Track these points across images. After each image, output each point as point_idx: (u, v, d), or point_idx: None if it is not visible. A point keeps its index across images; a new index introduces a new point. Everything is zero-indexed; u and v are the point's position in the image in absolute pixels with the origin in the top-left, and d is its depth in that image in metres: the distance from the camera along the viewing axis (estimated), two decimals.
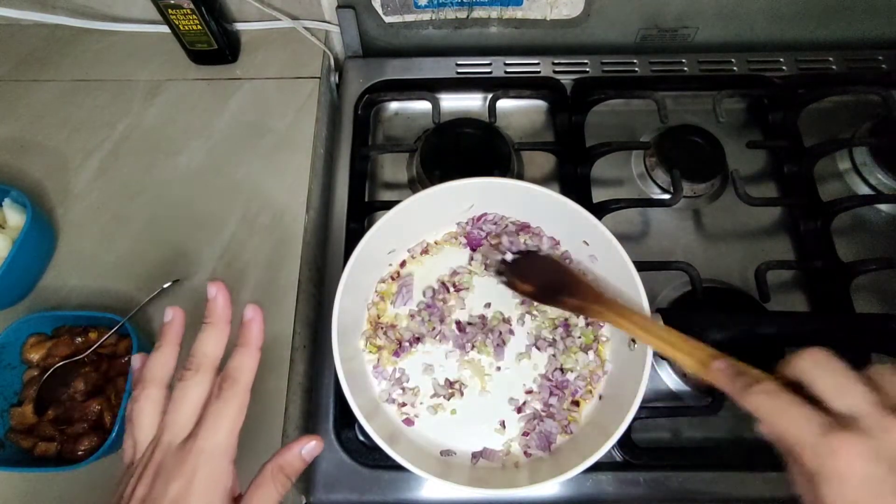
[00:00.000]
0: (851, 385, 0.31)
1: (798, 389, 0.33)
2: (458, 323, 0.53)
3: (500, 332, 0.53)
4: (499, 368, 0.52)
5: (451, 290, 0.55)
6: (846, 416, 0.30)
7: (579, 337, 0.52)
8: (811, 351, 0.33)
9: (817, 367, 0.33)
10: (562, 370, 0.51)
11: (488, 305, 0.54)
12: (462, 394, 0.51)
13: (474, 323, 0.53)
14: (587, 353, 0.52)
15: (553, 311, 0.54)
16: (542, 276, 0.50)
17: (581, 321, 0.53)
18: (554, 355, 0.52)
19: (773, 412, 0.33)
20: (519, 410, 0.51)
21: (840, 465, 0.29)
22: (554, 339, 0.52)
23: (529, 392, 0.51)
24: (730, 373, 0.37)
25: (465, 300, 0.54)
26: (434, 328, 0.53)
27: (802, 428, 0.31)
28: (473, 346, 0.52)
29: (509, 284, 0.52)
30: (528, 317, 0.54)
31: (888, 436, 0.29)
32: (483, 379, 0.52)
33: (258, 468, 0.47)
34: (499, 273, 0.53)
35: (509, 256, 0.53)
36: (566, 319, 0.53)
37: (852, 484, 0.29)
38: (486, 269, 0.55)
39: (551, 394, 0.51)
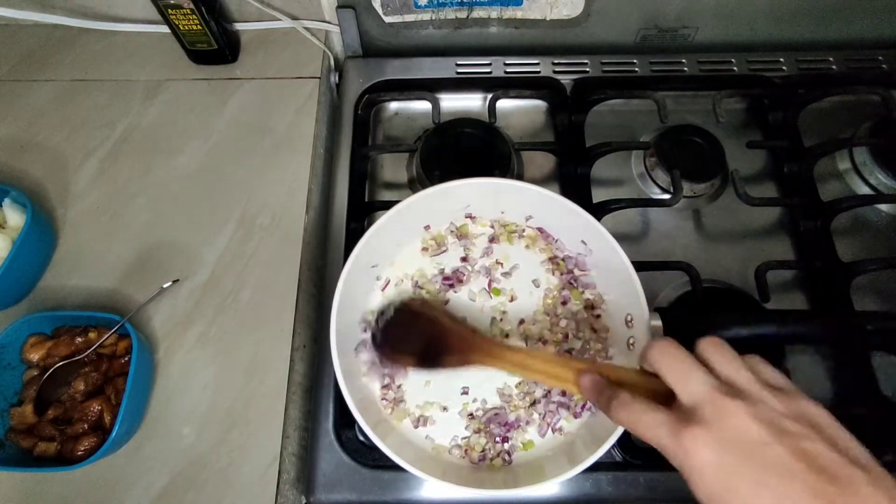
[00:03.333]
0: (689, 372, 0.32)
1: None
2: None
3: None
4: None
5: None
6: (690, 407, 0.31)
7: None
8: (656, 342, 0.34)
9: (662, 358, 0.34)
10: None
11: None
12: (460, 392, 0.52)
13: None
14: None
15: (550, 314, 0.54)
16: (417, 339, 0.48)
17: (580, 324, 0.53)
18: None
19: (631, 422, 0.34)
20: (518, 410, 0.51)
21: (693, 461, 0.30)
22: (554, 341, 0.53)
23: (528, 393, 0.51)
24: (594, 391, 0.37)
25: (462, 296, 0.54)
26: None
27: (658, 433, 0.32)
28: None
29: (393, 363, 0.50)
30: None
31: (724, 419, 0.30)
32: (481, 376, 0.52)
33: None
34: (376, 349, 0.50)
35: (380, 325, 0.50)
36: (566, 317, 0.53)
37: (707, 474, 0.29)
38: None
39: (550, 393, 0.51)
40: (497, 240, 0.56)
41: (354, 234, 0.59)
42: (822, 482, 0.27)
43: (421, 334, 0.48)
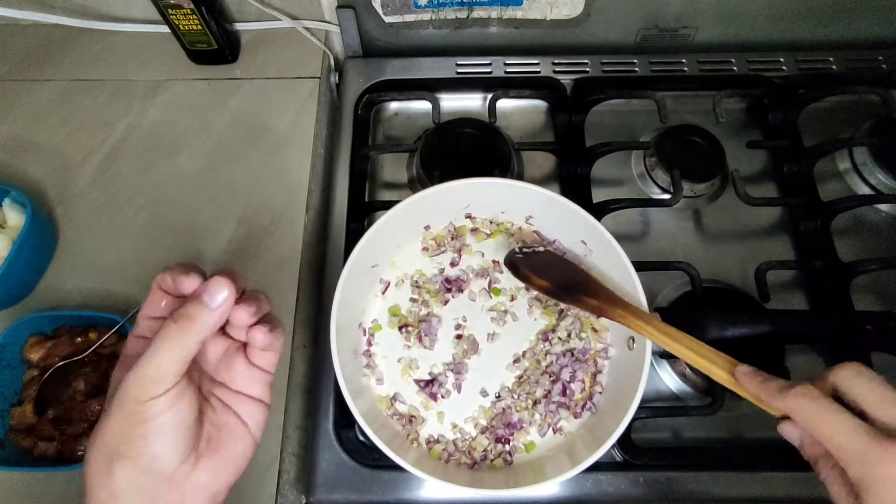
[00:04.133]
0: (893, 397, 0.32)
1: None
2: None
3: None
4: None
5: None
6: (889, 427, 0.31)
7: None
8: (851, 363, 0.34)
9: (858, 378, 0.33)
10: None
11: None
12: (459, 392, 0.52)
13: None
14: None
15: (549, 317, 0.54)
16: (556, 273, 0.48)
17: (579, 327, 0.53)
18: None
19: (816, 417, 0.33)
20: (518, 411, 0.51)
21: (890, 471, 0.29)
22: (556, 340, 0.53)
23: (529, 394, 0.51)
24: (758, 377, 0.37)
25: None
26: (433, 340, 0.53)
27: (849, 435, 0.31)
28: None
29: (523, 278, 0.49)
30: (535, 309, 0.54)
31: None
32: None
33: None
34: (511, 265, 0.50)
35: (522, 249, 0.51)
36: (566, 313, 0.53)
37: None
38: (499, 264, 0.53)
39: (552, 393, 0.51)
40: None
41: (354, 234, 0.59)
42: None
43: (560, 269, 0.49)
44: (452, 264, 0.56)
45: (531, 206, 0.54)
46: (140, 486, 0.29)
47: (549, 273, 0.48)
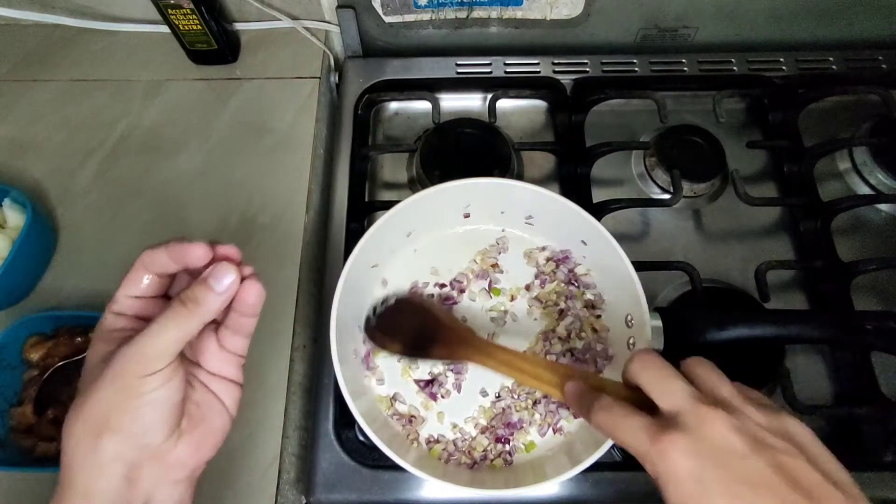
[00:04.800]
0: (670, 382, 0.32)
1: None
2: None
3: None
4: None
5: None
6: (670, 415, 0.31)
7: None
8: (637, 354, 0.34)
9: (643, 370, 0.34)
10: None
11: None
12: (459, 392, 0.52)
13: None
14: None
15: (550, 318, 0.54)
16: (410, 328, 0.49)
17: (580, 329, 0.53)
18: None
19: (610, 426, 0.33)
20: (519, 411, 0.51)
21: (669, 467, 0.30)
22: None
23: (529, 393, 0.51)
24: (577, 396, 0.37)
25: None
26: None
27: (636, 437, 0.31)
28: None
29: (380, 346, 0.50)
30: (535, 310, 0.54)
31: (704, 427, 0.30)
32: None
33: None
34: (368, 336, 0.51)
35: (376, 310, 0.52)
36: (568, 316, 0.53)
37: (683, 482, 0.29)
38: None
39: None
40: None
41: (354, 234, 0.59)
42: (798, 499, 0.27)
43: (414, 324, 0.49)
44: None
45: (531, 206, 0.54)
46: (125, 458, 0.30)
47: (403, 330, 0.49)
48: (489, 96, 0.68)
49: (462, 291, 0.55)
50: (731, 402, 0.31)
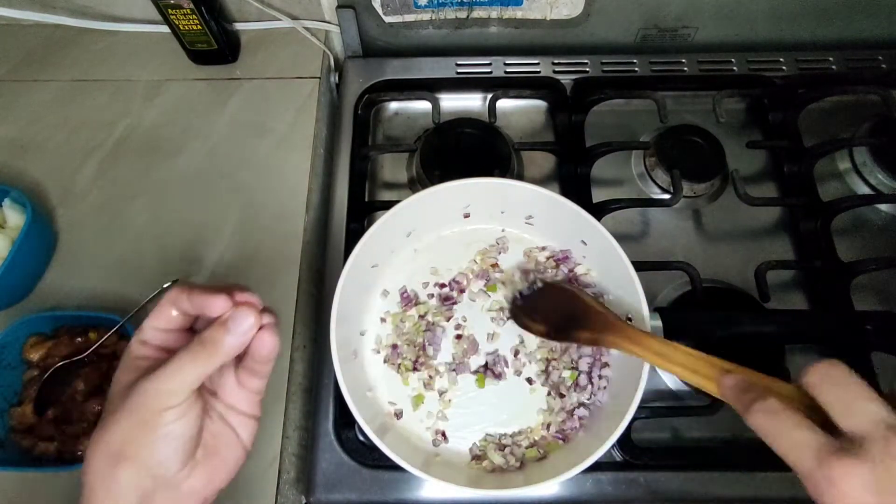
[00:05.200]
0: (861, 402, 0.29)
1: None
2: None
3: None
4: (498, 375, 0.52)
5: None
6: (853, 438, 0.28)
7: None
8: (822, 364, 0.31)
9: (826, 382, 0.30)
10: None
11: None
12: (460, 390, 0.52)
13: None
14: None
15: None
16: (554, 312, 0.49)
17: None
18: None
19: (772, 434, 0.31)
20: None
21: (840, 498, 0.27)
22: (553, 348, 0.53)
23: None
24: (738, 389, 0.35)
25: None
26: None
27: (801, 453, 0.29)
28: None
29: (524, 327, 0.50)
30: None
31: (894, 462, 0.26)
32: (481, 379, 0.52)
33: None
34: (513, 316, 0.52)
35: (522, 292, 0.52)
36: None
37: None
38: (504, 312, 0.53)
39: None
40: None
41: (354, 234, 0.59)
42: None
43: (560, 307, 0.48)
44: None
45: (531, 206, 0.54)
46: (140, 487, 0.30)
47: (545, 315, 0.49)
48: (489, 96, 0.68)
49: (462, 291, 0.55)
50: None
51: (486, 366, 0.52)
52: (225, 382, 0.35)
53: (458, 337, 0.53)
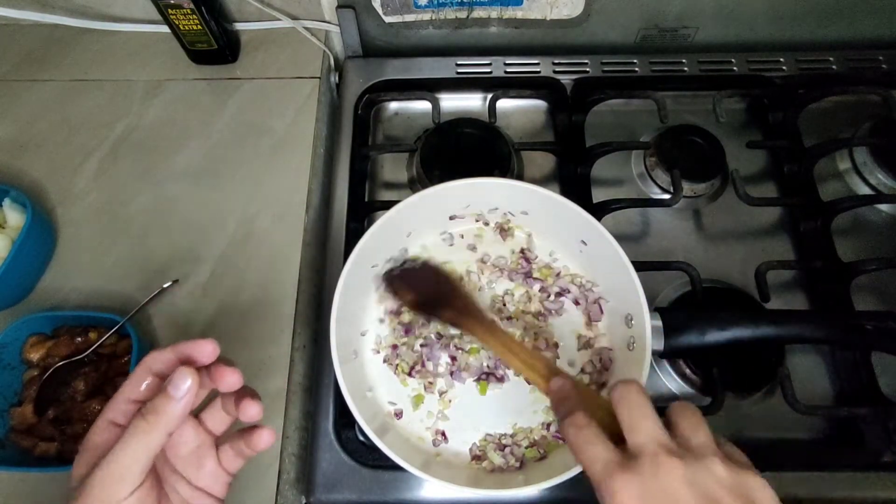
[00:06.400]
0: (642, 421, 0.32)
1: None
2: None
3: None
4: (500, 378, 0.52)
5: None
6: (633, 454, 0.31)
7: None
8: (621, 384, 0.34)
9: (621, 400, 0.34)
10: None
11: None
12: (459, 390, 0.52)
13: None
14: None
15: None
16: (426, 287, 0.51)
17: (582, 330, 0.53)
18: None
19: (575, 445, 0.34)
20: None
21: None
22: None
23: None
24: (558, 396, 0.38)
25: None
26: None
27: (594, 466, 0.32)
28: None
29: (393, 293, 0.52)
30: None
31: (659, 475, 0.30)
32: (484, 386, 0.52)
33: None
34: (385, 281, 0.53)
35: (404, 265, 0.53)
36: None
37: None
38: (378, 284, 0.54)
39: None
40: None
41: (354, 234, 0.59)
42: None
43: (431, 285, 0.51)
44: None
45: (531, 206, 0.54)
46: None
47: (419, 287, 0.51)
48: (489, 96, 0.68)
49: None
50: (699, 452, 0.31)
51: (487, 373, 0.52)
52: (202, 464, 0.35)
53: (454, 358, 0.53)
